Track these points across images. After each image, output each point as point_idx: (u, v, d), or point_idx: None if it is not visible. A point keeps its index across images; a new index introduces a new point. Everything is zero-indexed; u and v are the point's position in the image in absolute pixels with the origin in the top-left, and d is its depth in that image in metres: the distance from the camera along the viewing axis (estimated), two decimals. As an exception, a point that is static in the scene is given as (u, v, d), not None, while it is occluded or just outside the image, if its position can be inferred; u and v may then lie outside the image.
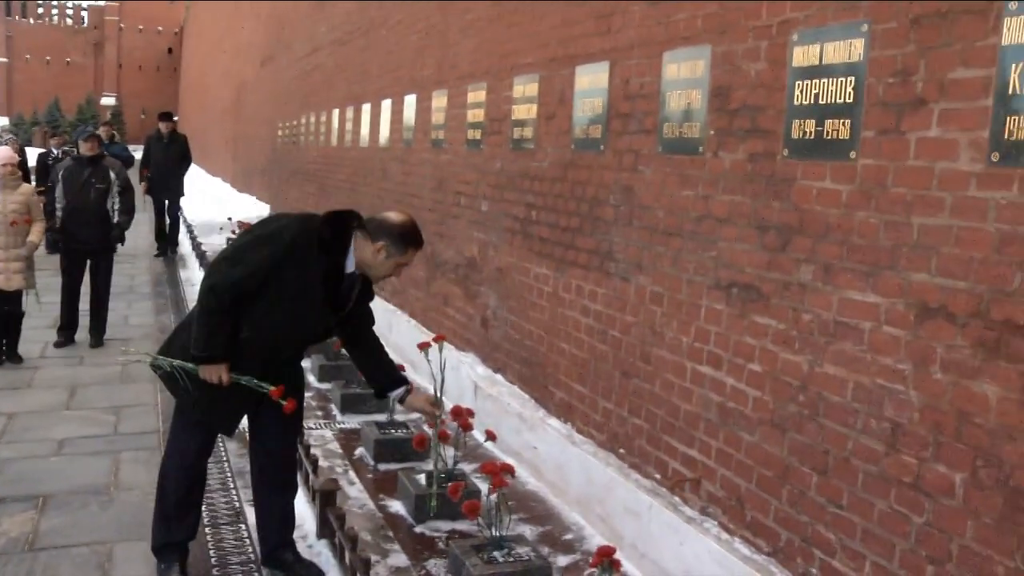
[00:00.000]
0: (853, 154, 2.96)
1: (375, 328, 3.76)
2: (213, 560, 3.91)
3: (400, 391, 3.68)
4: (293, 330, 3.39)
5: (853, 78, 2.96)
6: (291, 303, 3.28)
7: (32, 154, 16.30)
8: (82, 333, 7.93)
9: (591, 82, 4.69)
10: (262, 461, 3.71)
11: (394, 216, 3.41)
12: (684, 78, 3.88)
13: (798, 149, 3.20)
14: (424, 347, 3.92)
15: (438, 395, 3.71)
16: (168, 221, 13.53)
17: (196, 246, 12.72)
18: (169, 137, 13.12)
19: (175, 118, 13.77)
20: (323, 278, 3.29)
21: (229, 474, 4.88)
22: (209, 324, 3.32)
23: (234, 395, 3.43)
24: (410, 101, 8.01)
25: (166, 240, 13.53)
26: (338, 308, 3.42)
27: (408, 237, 3.36)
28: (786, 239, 3.27)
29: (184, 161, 13.29)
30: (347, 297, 3.44)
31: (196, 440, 3.58)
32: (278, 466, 3.72)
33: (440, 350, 3.88)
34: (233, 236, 13.97)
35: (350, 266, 3.38)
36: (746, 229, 3.49)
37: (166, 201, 13.29)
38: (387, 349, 3.82)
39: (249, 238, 3.32)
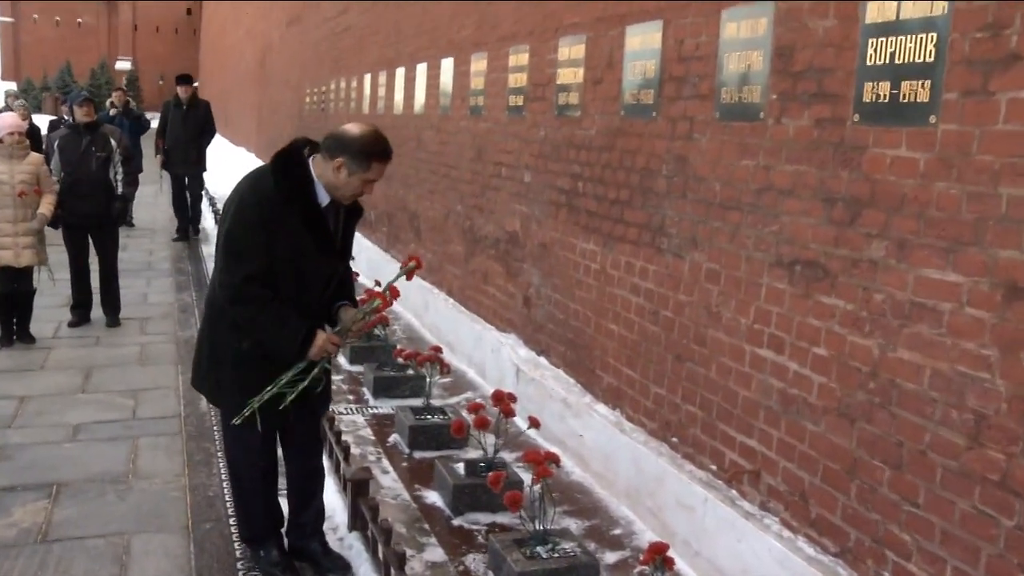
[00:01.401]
0: (933, 119, 2.89)
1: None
2: (230, 510, 3.96)
3: (338, 303, 3.57)
4: (306, 285, 3.40)
5: (934, 34, 2.88)
6: (290, 263, 3.31)
7: (42, 122, 16.36)
8: (97, 312, 8.02)
9: (642, 43, 4.64)
10: (291, 455, 3.78)
11: (351, 128, 3.33)
12: (744, 38, 3.82)
13: (870, 114, 3.14)
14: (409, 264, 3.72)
15: (363, 312, 3.55)
16: (189, 199, 12.82)
17: (220, 222, 12.87)
18: (188, 103, 12.38)
19: (195, 83, 13.34)
20: (304, 223, 3.28)
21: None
22: (271, 322, 3.31)
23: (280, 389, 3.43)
24: (447, 65, 7.99)
25: (187, 221, 12.89)
26: (333, 243, 3.41)
27: (368, 149, 3.28)
28: (855, 212, 3.22)
29: (206, 131, 12.55)
30: (335, 230, 3.42)
31: (257, 435, 3.60)
32: (303, 448, 3.76)
33: (402, 274, 3.65)
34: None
35: (323, 197, 3.36)
36: (811, 202, 3.44)
37: (185, 177, 12.60)
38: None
39: (226, 229, 3.32)
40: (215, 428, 5.38)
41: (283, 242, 3.27)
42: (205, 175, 13.28)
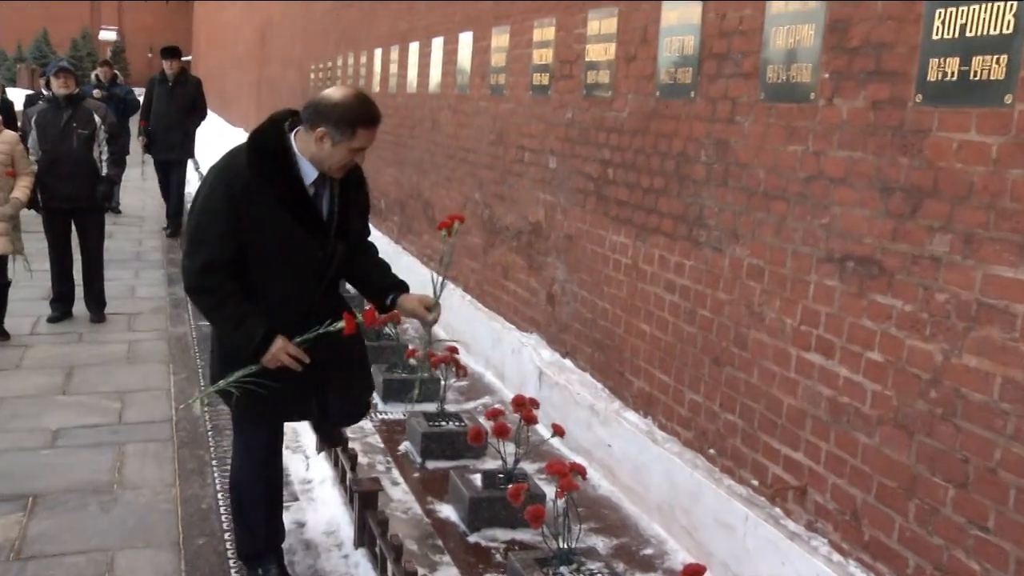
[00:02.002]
0: (1008, 98, 2.84)
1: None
2: (225, 524, 3.97)
3: (392, 294, 3.57)
4: (296, 270, 3.37)
5: (1013, 3, 2.82)
6: (273, 246, 3.28)
7: (18, 96, 16.14)
8: (80, 306, 7.97)
9: (680, 17, 4.61)
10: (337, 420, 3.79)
11: (332, 93, 3.28)
12: (793, 11, 3.79)
13: (935, 94, 3.09)
14: (444, 227, 3.77)
15: (436, 294, 3.56)
16: (173, 189, 12.19)
17: None
18: (175, 80, 11.78)
19: (186, 57, 13.01)
20: (283, 204, 3.26)
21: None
22: (226, 319, 3.33)
23: (297, 375, 3.41)
24: (465, 40, 7.97)
25: (173, 211, 12.33)
26: (320, 222, 3.36)
27: (351, 115, 3.23)
28: (916, 203, 3.18)
29: (194, 111, 11.93)
30: (330, 206, 3.38)
31: (263, 438, 3.64)
32: (351, 419, 3.81)
33: (454, 233, 3.69)
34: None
35: (309, 172, 3.33)
36: (866, 191, 3.41)
37: (173, 162, 12.02)
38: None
39: (193, 218, 3.34)
40: (209, 433, 5.41)
41: (260, 224, 3.24)
42: (192, 162, 12.89)
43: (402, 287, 3.58)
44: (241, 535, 3.80)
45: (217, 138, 25.65)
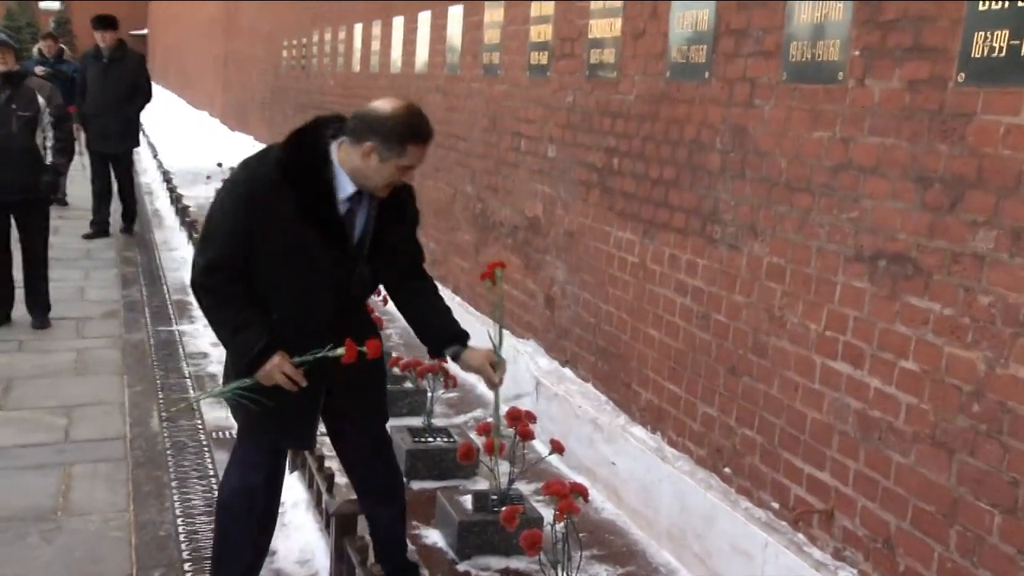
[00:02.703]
0: (1060, 78, 2.81)
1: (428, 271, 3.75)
2: (185, 554, 4.02)
3: (455, 348, 3.60)
4: (312, 288, 3.38)
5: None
6: (289, 258, 3.29)
7: None
8: (20, 310, 7.82)
9: (693, -12, 4.58)
10: (352, 463, 3.80)
11: (382, 104, 3.28)
12: (819, -19, 3.77)
13: (980, 72, 3.06)
14: (486, 277, 3.84)
15: (496, 349, 3.61)
16: (116, 185, 11.59)
17: (176, 200, 12.82)
18: (112, 56, 10.98)
19: (141, 31, 12.36)
20: (305, 214, 3.25)
21: (210, 460, 4.89)
22: (225, 323, 3.35)
23: (299, 397, 3.43)
24: (455, 13, 7.95)
25: (124, 212, 11.85)
26: (344, 241, 3.36)
27: (402, 129, 3.22)
28: (957, 195, 3.16)
29: (135, 94, 11.17)
30: (350, 225, 3.37)
31: (257, 461, 3.60)
32: (370, 463, 3.78)
33: (498, 281, 3.75)
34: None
35: (346, 186, 3.32)
36: (900, 182, 3.39)
37: (110, 155, 11.31)
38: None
39: (209, 211, 3.37)
40: (168, 452, 5.37)
41: (276, 231, 3.25)
42: (157, 154, 12.71)
43: (463, 337, 3.60)
44: (216, 560, 3.74)
45: (178, 122, 25.71)
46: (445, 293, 7.50)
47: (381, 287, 3.70)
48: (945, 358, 3.20)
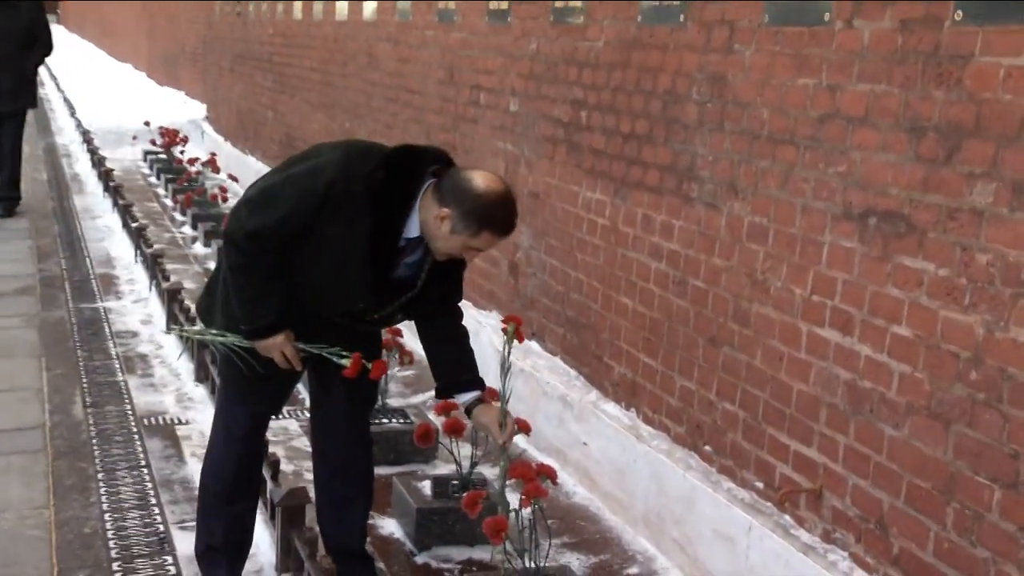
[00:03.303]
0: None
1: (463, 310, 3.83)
2: (114, 552, 4.02)
3: (469, 397, 3.69)
4: (334, 300, 3.51)
5: None
6: (330, 265, 3.39)
7: None
8: None
9: (666, -77, 4.56)
10: (326, 448, 3.92)
11: (479, 178, 3.33)
12: (802, -87, 3.75)
13: (979, 9, 3.05)
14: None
15: (503, 411, 3.70)
16: (5, 152, 10.66)
17: (98, 163, 12.66)
18: None
19: None
20: (370, 238, 3.32)
21: (150, 486, 4.86)
22: (244, 287, 3.47)
23: (286, 369, 3.62)
24: (407, -42, 7.87)
25: (5, 184, 10.83)
26: (388, 281, 3.44)
27: (483, 212, 3.27)
28: (953, 145, 3.16)
29: (33, 44, 10.45)
30: (396, 265, 3.46)
31: (244, 424, 3.77)
32: (343, 454, 3.90)
33: (508, 342, 3.83)
34: (153, 147, 14.04)
35: (413, 229, 3.40)
36: (892, 132, 3.38)
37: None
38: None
39: (280, 176, 3.46)
40: (94, 441, 5.31)
41: (336, 240, 3.33)
42: (52, 113, 12.18)
43: (478, 385, 3.69)
44: (199, 529, 3.90)
45: (98, 76, 25.29)
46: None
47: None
48: (941, 322, 3.20)
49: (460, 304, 3.76)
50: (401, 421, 5.33)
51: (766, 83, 3.97)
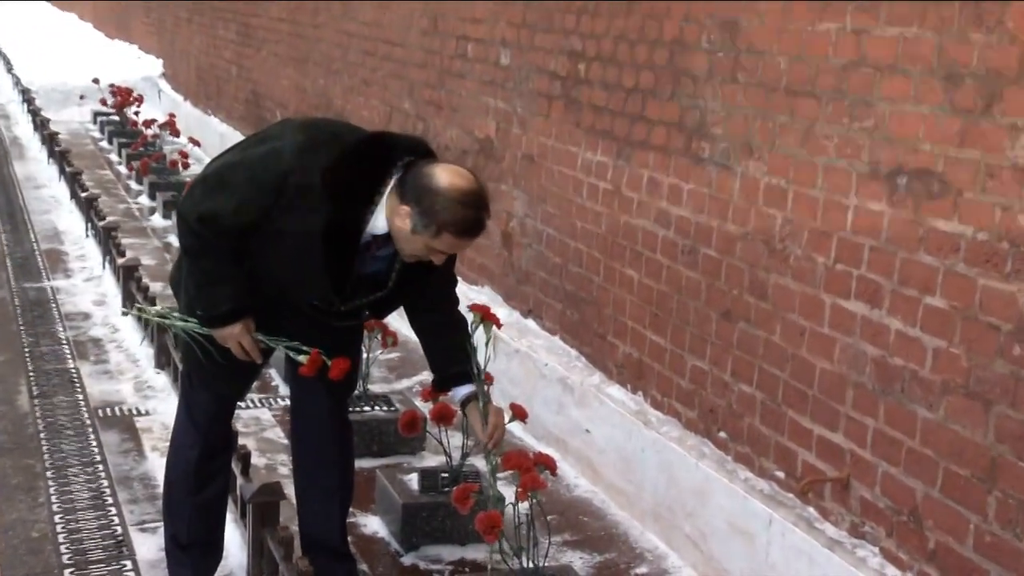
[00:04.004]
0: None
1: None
2: (66, 557, 4.03)
3: (463, 392, 3.75)
4: (294, 292, 3.57)
5: None
6: (285, 258, 3.43)
7: None
8: None
9: None
10: (302, 435, 4.00)
11: (442, 174, 3.31)
12: None
13: (1017, -55, 3.03)
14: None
15: (483, 412, 3.71)
16: None
17: (41, 126, 12.58)
18: None
19: None
20: (323, 235, 3.33)
21: (107, 484, 4.86)
22: (197, 270, 3.52)
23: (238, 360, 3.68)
24: None
25: None
26: (353, 277, 3.46)
27: (444, 211, 3.26)
28: (993, 94, 3.15)
29: None
30: (357, 263, 3.46)
31: (206, 403, 3.84)
32: (318, 441, 3.97)
33: (486, 336, 3.83)
34: (104, 108, 13.93)
35: (379, 225, 3.40)
36: (924, 81, 3.38)
37: None
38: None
39: (238, 157, 3.47)
40: (42, 436, 5.31)
41: (291, 236, 3.36)
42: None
43: (468, 379, 3.73)
44: (165, 527, 3.98)
45: (39, 28, 25.03)
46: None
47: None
48: (979, 292, 3.20)
49: (456, 290, 3.78)
50: (385, 409, 5.33)
51: (784, 29, 3.95)
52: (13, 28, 23.82)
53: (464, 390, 3.72)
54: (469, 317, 3.75)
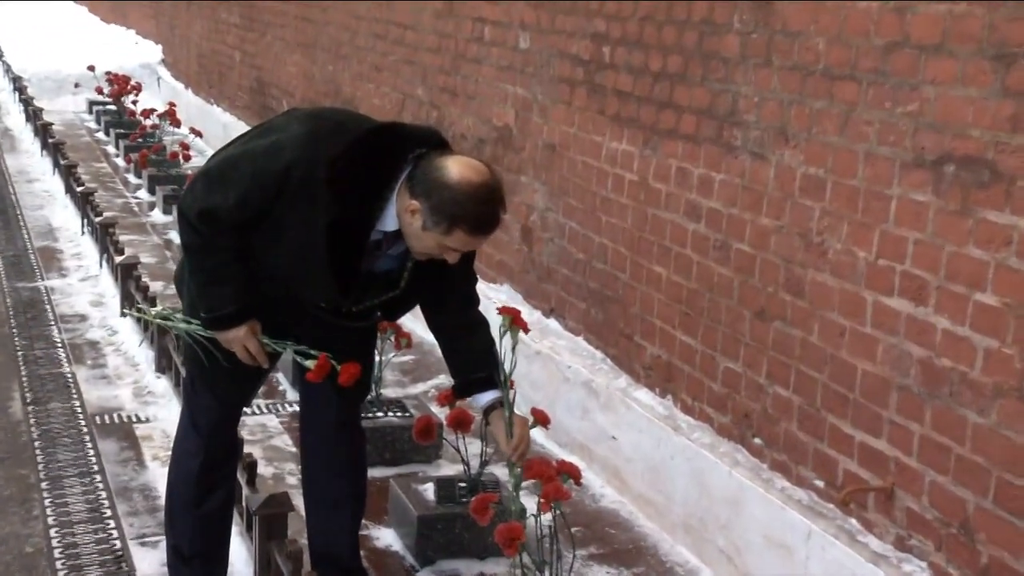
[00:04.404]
0: None
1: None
2: (61, 574, 4.05)
3: (487, 399, 3.72)
4: (301, 292, 3.60)
5: None
6: (290, 257, 3.44)
7: None
8: None
9: None
10: (311, 442, 4.03)
11: (453, 166, 3.30)
12: None
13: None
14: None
15: (508, 423, 3.69)
16: None
17: (34, 116, 12.61)
18: None
19: None
20: (328, 233, 3.33)
21: (104, 496, 4.87)
22: (199, 269, 3.54)
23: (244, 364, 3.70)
24: None
25: None
26: (362, 276, 3.46)
27: (455, 206, 3.25)
28: (1045, 77, 3.14)
29: None
30: (366, 261, 3.46)
31: (209, 409, 3.84)
32: (330, 449, 3.98)
33: (512, 341, 3.77)
34: (100, 97, 13.96)
35: (390, 222, 3.40)
36: (973, 61, 3.36)
37: None
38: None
39: (240, 149, 3.48)
40: (36, 444, 5.33)
41: (296, 231, 3.38)
42: None
43: (492, 384, 3.70)
44: (167, 539, 3.99)
45: (31, 12, 25.11)
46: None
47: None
48: (1033, 288, 3.19)
49: (476, 288, 3.77)
50: (398, 414, 5.34)
51: (821, 7, 3.94)
52: (3, 12, 23.94)
53: (487, 396, 3.69)
54: (497, 321, 3.69)
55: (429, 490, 4.52)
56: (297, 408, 5.77)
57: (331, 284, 3.42)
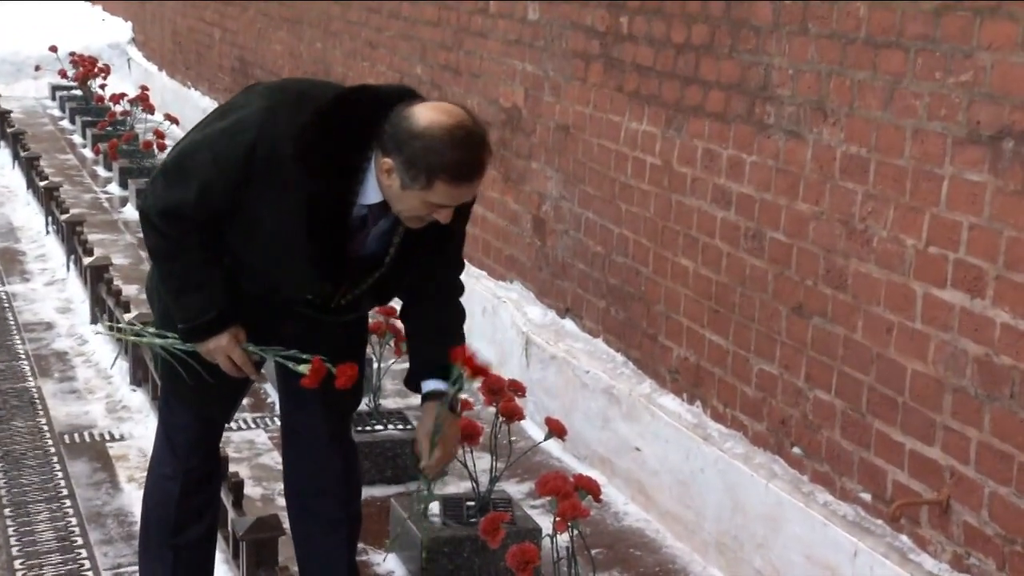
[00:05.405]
0: None
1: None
2: None
3: (432, 385, 3.67)
4: (284, 289, 3.58)
5: None
6: (267, 250, 3.45)
7: None
8: None
9: None
10: (295, 458, 3.99)
11: (422, 112, 3.25)
12: None
13: None
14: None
15: (432, 437, 3.63)
16: None
17: None
18: None
19: None
20: (307, 214, 3.31)
21: (75, 523, 4.88)
22: (169, 276, 3.54)
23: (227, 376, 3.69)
24: None
25: None
26: (349, 260, 3.45)
27: (432, 157, 3.19)
28: (1112, 42, 3.14)
29: None
30: (354, 242, 3.45)
31: (187, 425, 3.82)
32: (319, 466, 3.94)
33: (455, 387, 3.74)
34: (64, 81, 14.02)
35: (371, 194, 3.36)
36: None
37: None
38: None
39: (200, 135, 3.46)
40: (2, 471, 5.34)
41: (261, 215, 3.37)
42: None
43: (445, 375, 3.65)
44: (143, 569, 3.97)
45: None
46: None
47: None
48: (1102, 277, 3.19)
49: (461, 277, 3.74)
50: (399, 427, 5.35)
51: (862, -31, 3.95)
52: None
53: (433, 384, 3.63)
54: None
55: (435, 509, 4.53)
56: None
57: (314, 275, 3.41)
